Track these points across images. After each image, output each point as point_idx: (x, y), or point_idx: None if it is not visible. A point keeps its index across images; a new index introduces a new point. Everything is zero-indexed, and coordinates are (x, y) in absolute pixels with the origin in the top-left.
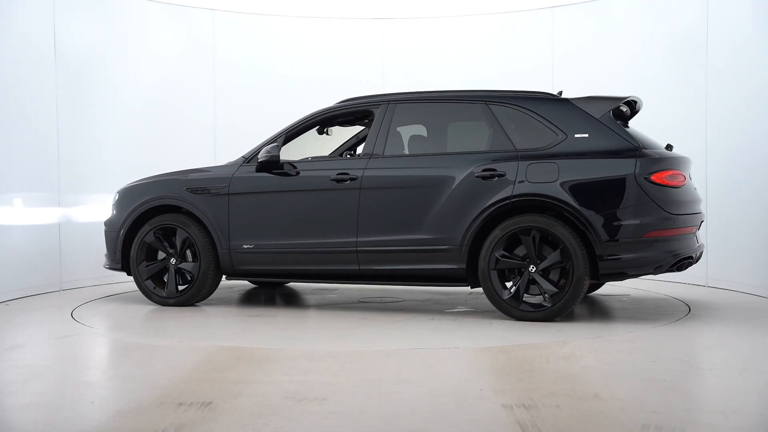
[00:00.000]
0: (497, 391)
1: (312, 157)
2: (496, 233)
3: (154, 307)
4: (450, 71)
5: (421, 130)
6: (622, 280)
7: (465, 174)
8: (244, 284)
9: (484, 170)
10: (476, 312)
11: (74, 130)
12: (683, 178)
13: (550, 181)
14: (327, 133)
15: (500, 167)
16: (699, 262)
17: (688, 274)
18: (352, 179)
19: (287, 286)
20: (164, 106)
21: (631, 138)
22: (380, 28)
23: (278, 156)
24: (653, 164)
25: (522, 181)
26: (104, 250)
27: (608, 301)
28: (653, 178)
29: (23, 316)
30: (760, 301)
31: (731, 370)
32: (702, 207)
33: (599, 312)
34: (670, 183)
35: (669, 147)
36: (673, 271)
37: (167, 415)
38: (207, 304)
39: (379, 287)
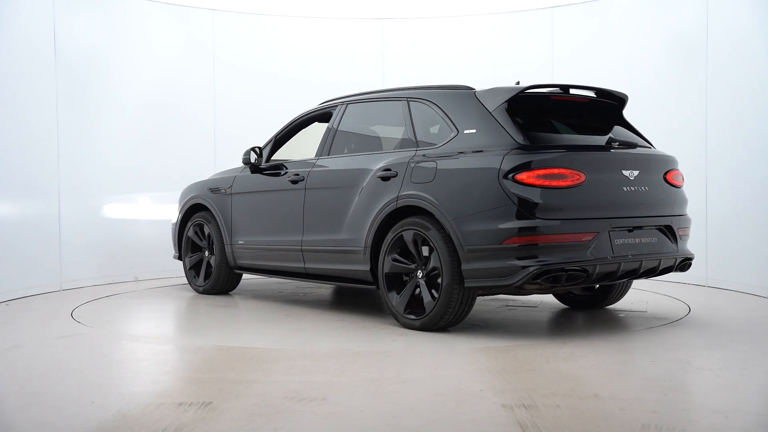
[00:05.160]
0: (497, 391)
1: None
2: (389, 236)
3: (154, 307)
4: (450, 71)
5: (363, 129)
6: (493, 294)
7: (371, 174)
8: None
9: (383, 170)
10: (475, 312)
11: (74, 130)
12: (578, 178)
13: (426, 181)
14: None
15: (395, 167)
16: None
17: (688, 274)
18: (300, 180)
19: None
20: (164, 105)
21: (515, 133)
22: (380, 28)
23: (249, 158)
24: (521, 162)
25: (408, 182)
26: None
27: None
28: (519, 177)
29: (23, 316)
30: (760, 301)
31: (731, 370)
32: (665, 209)
33: (599, 312)
34: (544, 183)
35: (611, 142)
36: (543, 287)
37: (167, 415)
38: (235, 298)
39: None
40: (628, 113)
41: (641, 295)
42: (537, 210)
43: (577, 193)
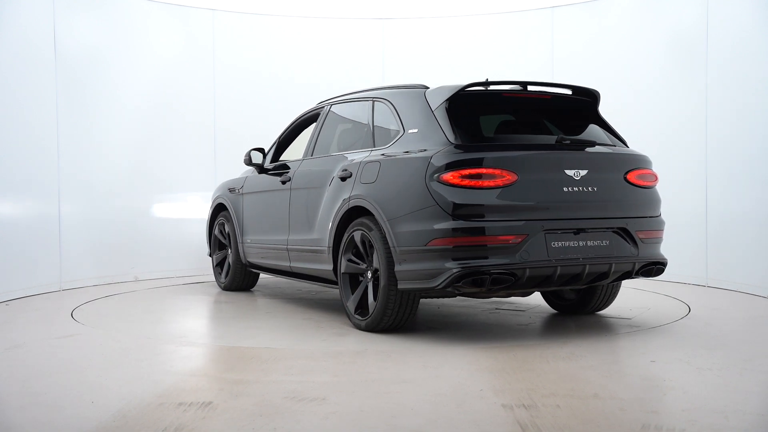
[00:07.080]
0: (497, 391)
1: None
2: (345, 236)
3: (153, 307)
4: (450, 71)
5: (340, 130)
6: (431, 296)
7: (334, 175)
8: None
9: (342, 170)
10: (475, 312)
11: (74, 130)
12: (508, 178)
13: (371, 182)
14: None
15: (350, 167)
16: (654, 272)
17: (688, 275)
18: (288, 180)
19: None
20: (164, 105)
21: (450, 132)
22: (380, 28)
23: (249, 159)
24: (447, 162)
25: (358, 182)
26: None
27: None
28: (444, 178)
29: (23, 316)
30: (760, 301)
31: (731, 370)
32: (620, 210)
33: (598, 313)
34: (470, 184)
35: (560, 140)
36: (480, 290)
37: (167, 415)
38: (248, 296)
39: None
40: (628, 113)
41: (643, 297)
42: (461, 211)
43: (506, 194)
